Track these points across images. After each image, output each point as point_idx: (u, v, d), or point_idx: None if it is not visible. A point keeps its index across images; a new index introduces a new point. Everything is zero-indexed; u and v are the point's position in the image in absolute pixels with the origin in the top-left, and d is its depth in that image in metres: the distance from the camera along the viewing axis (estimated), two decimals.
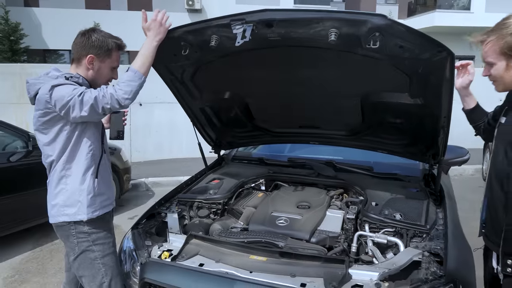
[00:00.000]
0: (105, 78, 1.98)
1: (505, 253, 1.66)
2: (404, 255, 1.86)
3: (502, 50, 1.52)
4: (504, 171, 1.64)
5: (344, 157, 2.97)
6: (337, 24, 1.71)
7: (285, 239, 2.00)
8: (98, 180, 1.93)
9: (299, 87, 2.31)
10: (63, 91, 1.74)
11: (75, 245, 1.92)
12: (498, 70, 1.57)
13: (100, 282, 1.94)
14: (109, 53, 1.92)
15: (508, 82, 1.60)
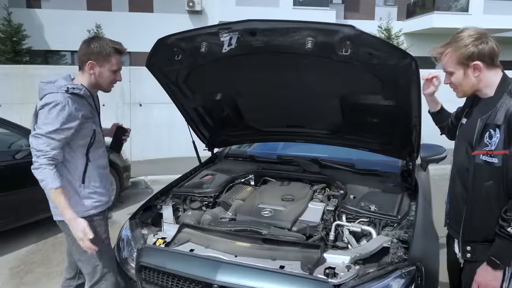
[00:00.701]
0: (107, 81, 2.13)
1: (464, 240, 1.84)
2: (375, 242, 2.06)
3: (459, 61, 1.68)
4: (464, 167, 1.82)
5: (329, 154, 3.16)
6: (313, 33, 1.91)
7: (268, 228, 2.20)
8: (85, 185, 2.10)
9: (284, 89, 2.51)
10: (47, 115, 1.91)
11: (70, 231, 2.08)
12: (457, 78, 1.73)
13: (94, 265, 2.13)
14: (107, 58, 2.07)
15: (467, 88, 1.76)
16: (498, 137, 1.61)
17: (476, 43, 1.65)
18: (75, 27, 14.79)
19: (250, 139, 3.36)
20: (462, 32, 1.69)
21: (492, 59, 1.68)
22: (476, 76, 1.69)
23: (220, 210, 2.60)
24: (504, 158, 1.61)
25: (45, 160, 1.91)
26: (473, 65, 1.67)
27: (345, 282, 1.79)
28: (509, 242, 1.60)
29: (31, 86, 7.82)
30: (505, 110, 1.61)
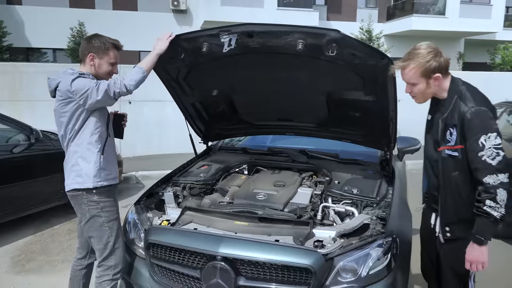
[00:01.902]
0: (105, 72, 2.37)
1: (443, 223, 2.11)
2: (357, 219, 2.35)
3: (423, 74, 1.94)
4: (433, 159, 2.12)
5: (316, 146, 3.45)
6: (303, 36, 2.19)
7: (263, 209, 2.47)
8: (104, 156, 2.35)
9: (276, 86, 2.78)
10: (83, 82, 2.21)
11: (86, 211, 2.33)
12: (420, 88, 2.00)
13: (106, 241, 2.35)
14: (106, 52, 2.34)
15: (428, 96, 2.06)
16: (455, 134, 1.91)
17: (436, 58, 1.92)
18: (57, 25, 14.74)
19: (243, 133, 3.62)
20: (420, 48, 1.95)
21: (447, 69, 1.97)
22: (436, 85, 1.97)
23: (218, 195, 2.85)
24: (462, 151, 1.90)
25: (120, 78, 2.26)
26: (435, 76, 1.94)
27: (332, 251, 2.07)
28: (486, 219, 1.83)
29: (20, 84, 7.90)
30: (458, 112, 1.90)
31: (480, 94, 1.96)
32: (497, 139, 1.81)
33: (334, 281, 2.04)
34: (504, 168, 1.81)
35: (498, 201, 1.80)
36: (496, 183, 1.80)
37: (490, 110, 1.89)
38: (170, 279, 2.25)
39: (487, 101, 1.94)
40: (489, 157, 1.80)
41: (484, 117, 1.85)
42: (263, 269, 2.04)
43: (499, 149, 1.81)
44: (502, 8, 17.84)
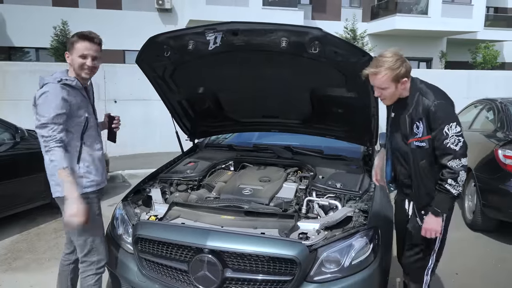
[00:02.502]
0: (77, 67, 2.28)
1: (418, 208, 2.34)
2: (340, 212, 2.42)
3: (392, 79, 2.11)
4: (403, 151, 2.29)
5: (300, 142, 3.52)
6: (287, 34, 2.26)
7: (249, 203, 2.53)
8: (80, 165, 2.32)
9: (261, 83, 2.84)
10: (47, 103, 2.15)
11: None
12: (390, 92, 2.17)
13: (85, 238, 2.34)
14: (74, 45, 2.26)
15: (395, 97, 2.23)
16: (422, 126, 2.14)
17: (404, 64, 2.10)
18: (40, 24, 14.53)
19: (229, 130, 3.68)
20: (388, 56, 2.11)
21: (410, 72, 2.16)
22: (402, 88, 2.17)
23: (204, 191, 2.90)
24: (429, 141, 2.14)
25: (54, 143, 2.13)
26: (403, 81, 2.13)
27: (316, 243, 2.14)
28: (445, 195, 2.13)
29: (3, 83, 7.79)
30: (422, 106, 2.12)
31: (439, 89, 2.21)
32: (457, 127, 2.07)
33: (318, 271, 2.11)
34: (465, 152, 2.09)
35: (458, 181, 2.09)
36: (459, 166, 2.08)
37: (450, 103, 2.16)
38: (158, 273, 2.29)
39: (446, 95, 2.20)
40: (453, 143, 2.07)
41: (446, 109, 2.10)
42: (249, 261, 2.10)
43: (459, 136, 2.07)
44: (483, 8, 18.23)
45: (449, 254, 3.78)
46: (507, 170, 3.96)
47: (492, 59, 17.88)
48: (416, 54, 19.06)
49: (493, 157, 4.11)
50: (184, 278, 2.22)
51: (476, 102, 6.12)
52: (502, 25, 20.26)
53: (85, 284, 2.37)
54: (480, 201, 4.25)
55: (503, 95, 8.10)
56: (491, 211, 4.18)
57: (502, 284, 3.36)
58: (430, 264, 2.32)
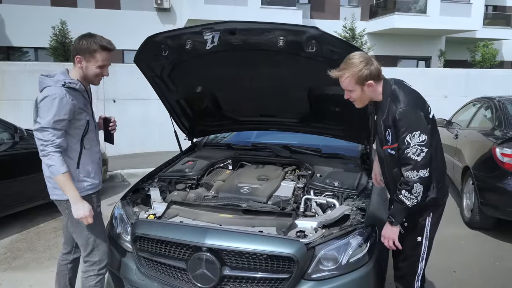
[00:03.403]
0: (92, 75, 2.27)
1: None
2: (338, 210, 2.44)
3: (357, 82, 2.04)
4: (380, 155, 2.26)
5: (298, 141, 3.54)
6: (284, 33, 2.27)
7: (247, 202, 2.54)
8: (80, 169, 2.31)
9: (259, 82, 2.85)
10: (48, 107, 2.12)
11: (65, 207, 2.31)
12: (357, 94, 2.10)
13: (87, 237, 2.34)
14: (93, 54, 2.21)
15: (365, 101, 2.15)
16: (391, 134, 2.06)
17: (367, 66, 2.02)
18: (39, 23, 14.52)
19: (227, 129, 3.69)
20: (353, 58, 2.06)
21: (379, 75, 2.07)
22: (370, 91, 2.08)
23: (203, 190, 2.91)
24: (396, 149, 2.06)
25: (52, 148, 2.14)
26: (368, 83, 2.04)
27: (313, 241, 2.15)
28: (399, 205, 2.04)
29: (2, 83, 7.80)
30: (391, 114, 2.03)
31: (410, 93, 2.08)
32: (421, 136, 1.95)
33: (316, 269, 2.13)
34: (427, 162, 1.97)
35: (413, 193, 1.99)
36: (415, 178, 1.97)
37: (420, 108, 2.03)
38: (157, 271, 2.30)
39: (416, 100, 2.07)
40: (414, 153, 1.96)
41: (410, 116, 1.98)
42: (247, 259, 2.11)
43: (423, 145, 1.95)
44: (482, 6, 18.25)
45: (447, 251, 3.83)
46: (505, 168, 3.98)
47: (491, 58, 17.89)
48: (415, 53, 19.09)
49: (491, 155, 4.12)
50: (183, 276, 2.23)
51: (474, 101, 6.13)
52: (501, 23, 20.28)
53: (87, 284, 2.38)
54: (478, 199, 4.26)
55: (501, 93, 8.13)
56: (489, 209, 4.20)
57: (499, 282, 3.38)
58: (419, 271, 2.26)
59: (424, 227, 2.17)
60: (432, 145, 2.01)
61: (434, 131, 2.08)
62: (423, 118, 2.00)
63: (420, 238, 2.18)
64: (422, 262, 2.24)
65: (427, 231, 2.18)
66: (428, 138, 1.97)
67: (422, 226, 2.17)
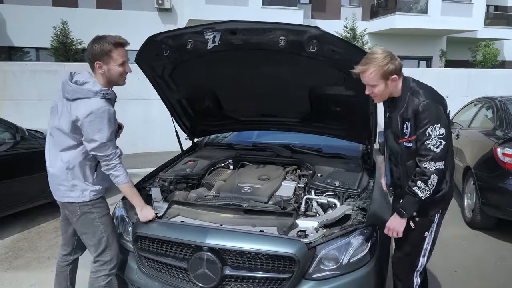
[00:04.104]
0: (116, 76, 2.23)
1: None
2: (339, 210, 2.43)
3: (382, 76, 2.08)
4: (395, 150, 2.27)
5: (299, 141, 3.54)
6: (285, 33, 2.27)
7: (248, 201, 2.54)
8: (97, 173, 2.33)
9: (260, 82, 2.85)
10: (98, 126, 2.11)
11: (77, 208, 2.31)
12: (380, 89, 2.13)
13: (100, 237, 2.36)
14: (109, 55, 2.17)
15: (386, 95, 2.19)
16: (409, 127, 2.12)
17: (392, 61, 2.08)
18: (40, 24, 14.54)
19: (228, 128, 3.69)
20: (377, 53, 2.09)
21: (401, 70, 2.13)
22: (393, 86, 2.13)
23: (204, 189, 2.91)
24: (414, 141, 2.11)
25: (117, 159, 2.21)
26: (392, 78, 2.09)
27: (314, 241, 2.15)
28: (413, 197, 2.08)
29: (4, 83, 7.81)
30: (411, 107, 2.08)
31: (430, 89, 2.16)
32: (441, 129, 2.02)
33: (317, 269, 2.13)
34: (444, 155, 2.04)
35: (429, 184, 2.04)
36: (433, 169, 2.03)
37: (440, 103, 2.10)
38: (158, 271, 2.31)
39: (437, 95, 2.14)
40: (433, 145, 2.02)
41: (433, 109, 2.05)
42: (248, 258, 2.12)
43: (442, 138, 2.02)
44: (483, 6, 18.21)
45: (448, 251, 3.83)
46: (506, 168, 3.97)
47: (492, 58, 17.87)
48: (416, 53, 19.06)
49: (492, 155, 4.12)
50: (184, 276, 2.23)
51: (475, 101, 6.13)
52: (502, 23, 20.24)
53: (97, 284, 2.36)
54: (479, 199, 4.26)
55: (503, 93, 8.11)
56: (490, 209, 4.19)
57: (501, 282, 3.37)
58: (419, 266, 2.28)
59: (432, 222, 2.22)
60: (448, 139, 2.07)
61: (449, 127, 2.12)
62: (443, 112, 2.07)
63: (427, 233, 2.23)
64: (424, 258, 2.27)
65: (433, 226, 2.22)
66: (447, 132, 2.03)
67: (430, 221, 2.22)
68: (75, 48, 14.33)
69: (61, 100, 2.25)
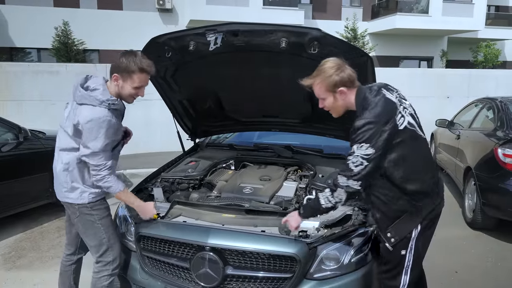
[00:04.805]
0: (127, 95, 2.24)
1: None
2: (340, 210, 2.44)
3: (327, 89, 1.96)
4: None
5: (300, 142, 3.56)
6: (286, 34, 2.29)
7: (250, 202, 2.56)
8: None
9: (261, 83, 2.88)
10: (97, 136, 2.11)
11: (76, 209, 2.33)
12: (329, 102, 2.01)
13: (101, 238, 2.37)
14: (131, 75, 2.17)
15: (340, 109, 2.04)
16: None
17: (337, 72, 1.93)
18: (42, 24, 14.58)
19: (230, 129, 3.71)
20: (325, 65, 1.97)
21: (352, 82, 1.97)
22: (342, 99, 1.98)
23: (205, 190, 2.93)
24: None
25: (106, 171, 2.19)
26: (339, 90, 1.96)
27: (316, 241, 2.17)
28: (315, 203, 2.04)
29: (6, 83, 7.84)
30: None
31: (377, 103, 1.91)
32: (368, 149, 1.84)
33: (318, 268, 2.15)
34: (362, 176, 1.88)
35: (334, 197, 1.96)
36: (343, 185, 1.92)
37: (383, 123, 1.86)
38: (160, 270, 2.33)
39: (383, 113, 1.88)
40: (353, 163, 1.88)
41: (365, 129, 1.84)
42: (250, 258, 2.14)
43: (365, 159, 1.85)
44: (484, 6, 18.21)
45: (449, 252, 3.84)
46: (507, 169, 3.98)
47: (494, 58, 17.87)
48: (417, 53, 19.07)
49: (493, 156, 4.13)
50: (186, 276, 2.25)
51: (476, 101, 6.14)
52: (504, 23, 20.24)
53: (99, 284, 2.38)
54: (480, 199, 4.27)
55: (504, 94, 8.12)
56: (491, 209, 4.20)
57: (502, 283, 3.39)
58: (402, 285, 2.05)
59: (409, 240, 1.99)
60: (377, 162, 1.88)
61: (405, 142, 1.91)
62: (381, 134, 1.85)
63: (404, 251, 2.01)
64: (405, 276, 2.05)
65: (412, 244, 1.99)
66: (376, 155, 1.85)
67: (407, 239, 1.99)
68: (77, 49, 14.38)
69: (72, 102, 2.26)
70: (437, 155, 6.98)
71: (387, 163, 1.92)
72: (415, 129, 1.99)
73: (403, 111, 1.95)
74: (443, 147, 6.57)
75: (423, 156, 2.05)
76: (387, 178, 1.95)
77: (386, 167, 1.92)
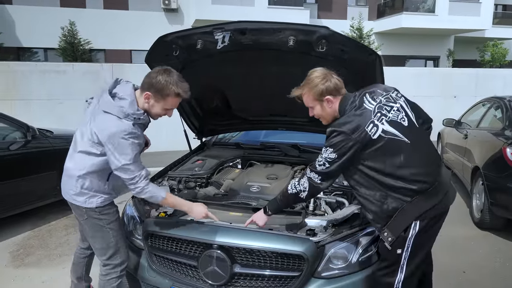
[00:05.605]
0: (154, 113, 2.21)
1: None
2: (347, 209, 2.44)
3: (314, 98, 2.06)
4: None
5: (307, 140, 3.55)
6: (294, 33, 2.29)
7: (257, 200, 2.56)
8: (108, 183, 2.32)
9: (268, 81, 2.87)
10: (124, 151, 2.06)
11: (84, 212, 2.30)
12: (317, 111, 2.11)
13: (109, 241, 2.34)
14: (165, 98, 2.14)
15: (328, 117, 2.12)
16: None
17: (322, 81, 2.02)
18: (48, 24, 14.71)
19: (237, 128, 3.71)
20: (311, 74, 2.07)
21: (338, 90, 2.05)
22: (329, 107, 2.06)
23: (212, 188, 2.93)
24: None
25: (143, 182, 2.16)
26: (326, 99, 2.04)
27: (323, 239, 2.16)
28: (285, 192, 2.15)
29: (14, 82, 7.90)
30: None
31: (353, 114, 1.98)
32: (332, 154, 1.96)
33: (326, 267, 2.14)
34: (322, 175, 2.03)
35: (300, 184, 2.09)
36: (308, 176, 2.07)
37: (349, 132, 1.92)
38: (168, 268, 2.33)
39: (353, 124, 1.94)
40: (318, 161, 2.03)
41: (333, 137, 1.96)
42: (257, 256, 2.13)
43: (328, 162, 1.98)
44: (491, 5, 18.10)
45: (456, 252, 3.82)
46: None
47: (501, 57, 17.76)
48: (423, 53, 18.98)
49: (501, 155, 4.10)
50: (194, 273, 2.26)
51: (484, 101, 6.10)
52: (511, 22, 20.08)
53: (108, 286, 2.37)
54: (488, 199, 4.24)
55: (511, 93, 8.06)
56: (499, 209, 4.17)
57: (510, 283, 3.36)
58: (396, 283, 2.03)
59: (406, 239, 1.97)
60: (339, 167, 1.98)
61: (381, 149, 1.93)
62: (346, 142, 1.92)
63: (400, 250, 1.99)
64: (401, 274, 2.02)
65: (409, 243, 1.97)
66: (339, 161, 1.95)
67: (403, 238, 1.97)
68: (83, 49, 14.49)
69: (96, 105, 2.20)
70: (444, 154, 6.95)
71: (366, 169, 1.99)
72: (394, 137, 1.95)
73: (379, 120, 1.95)
74: (450, 147, 6.54)
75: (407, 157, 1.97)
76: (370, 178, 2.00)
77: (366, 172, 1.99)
